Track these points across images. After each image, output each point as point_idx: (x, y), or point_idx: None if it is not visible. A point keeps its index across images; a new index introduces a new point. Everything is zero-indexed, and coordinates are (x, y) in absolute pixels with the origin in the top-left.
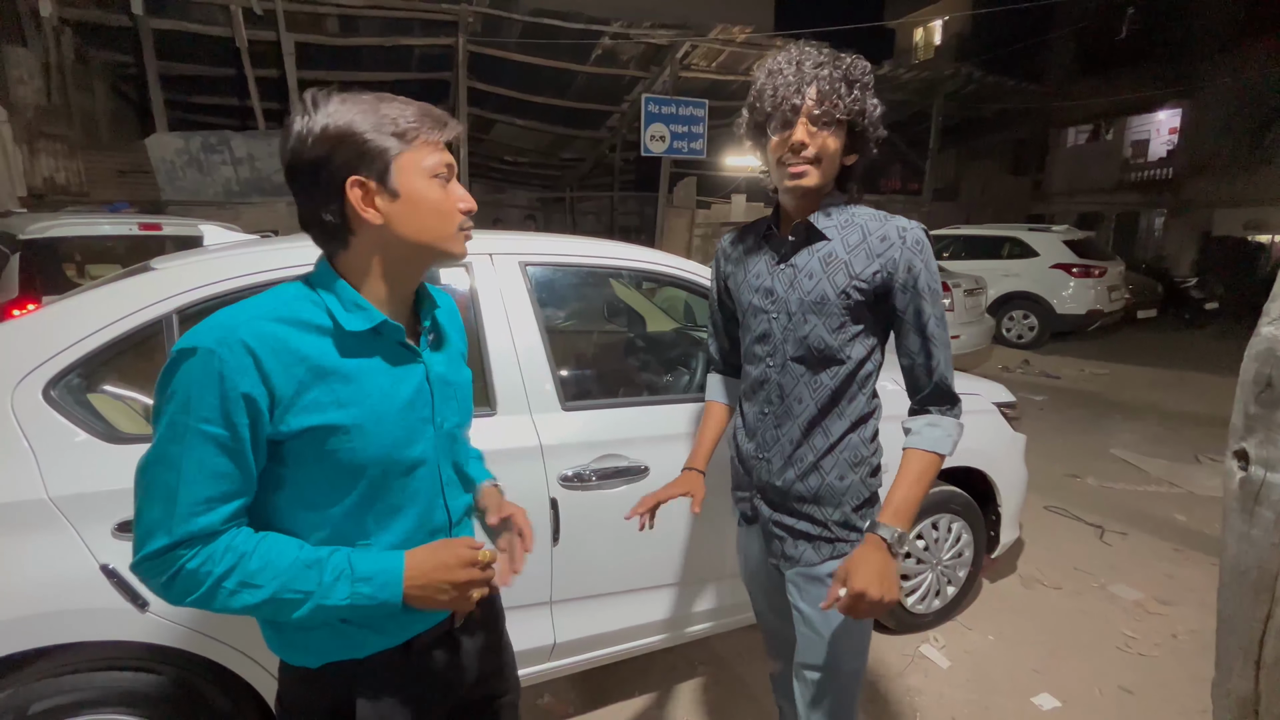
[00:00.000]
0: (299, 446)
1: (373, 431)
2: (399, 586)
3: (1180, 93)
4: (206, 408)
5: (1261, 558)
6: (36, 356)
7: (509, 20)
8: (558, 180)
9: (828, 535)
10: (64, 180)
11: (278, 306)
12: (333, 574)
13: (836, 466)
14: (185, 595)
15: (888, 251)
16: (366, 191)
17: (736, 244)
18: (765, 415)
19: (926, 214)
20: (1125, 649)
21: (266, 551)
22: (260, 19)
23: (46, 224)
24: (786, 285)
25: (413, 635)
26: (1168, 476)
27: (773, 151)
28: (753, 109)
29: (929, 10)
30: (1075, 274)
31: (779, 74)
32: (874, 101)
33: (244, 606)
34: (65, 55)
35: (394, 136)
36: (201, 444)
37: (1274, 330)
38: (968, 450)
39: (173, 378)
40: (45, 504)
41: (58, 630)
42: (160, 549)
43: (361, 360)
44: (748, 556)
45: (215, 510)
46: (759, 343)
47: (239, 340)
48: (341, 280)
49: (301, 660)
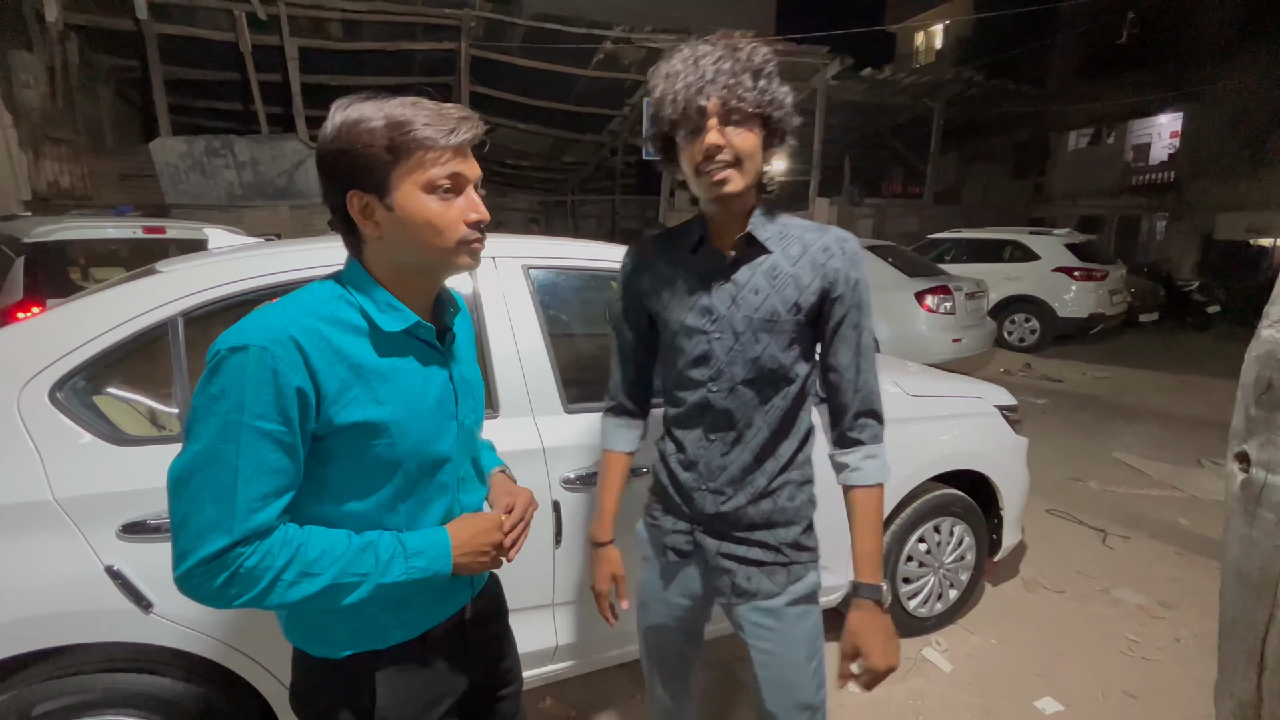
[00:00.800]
0: (340, 443)
1: (408, 428)
2: (449, 557)
3: (1181, 97)
4: (262, 405)
5: (1263, 560)
6: (43, 359)
7: (511, 25)
8: (559, 184)
9: (782, 559)
10: (68, 184)
11: (317, 306)
12: (387, 553)
13: (787, 487)
14: (241, 595)
15: (829, 263)
16: (366, 205)
17: (652, 258)
18: (711, 442)
19: (928, 217)
20: (1128, 653)
21: (320, 540)
22: (264, 24)
23: (51, 227)
24: (728, 303)
25: (431, 627)
26: (1170, 480)
27: (688, 160)
28: (656, 119)
29: (930, 14)
30: (1077, 277)
31: (677, 77)
32: (784, 89)
33: (302, 597)
34: (70, 60)
35: (390, 150)
36: (258, 441)
37: (1274, 333)
38: (970, 453)
39: (221, 376)
40: (50, 505)
41: (62, 632)
42: (218, 551)
43: (396, 359)
44: (669, 591)
45: (271, 505)
46: (696, 366)
47: (289, 337)
48: (375, 281)
49: (324, 652)
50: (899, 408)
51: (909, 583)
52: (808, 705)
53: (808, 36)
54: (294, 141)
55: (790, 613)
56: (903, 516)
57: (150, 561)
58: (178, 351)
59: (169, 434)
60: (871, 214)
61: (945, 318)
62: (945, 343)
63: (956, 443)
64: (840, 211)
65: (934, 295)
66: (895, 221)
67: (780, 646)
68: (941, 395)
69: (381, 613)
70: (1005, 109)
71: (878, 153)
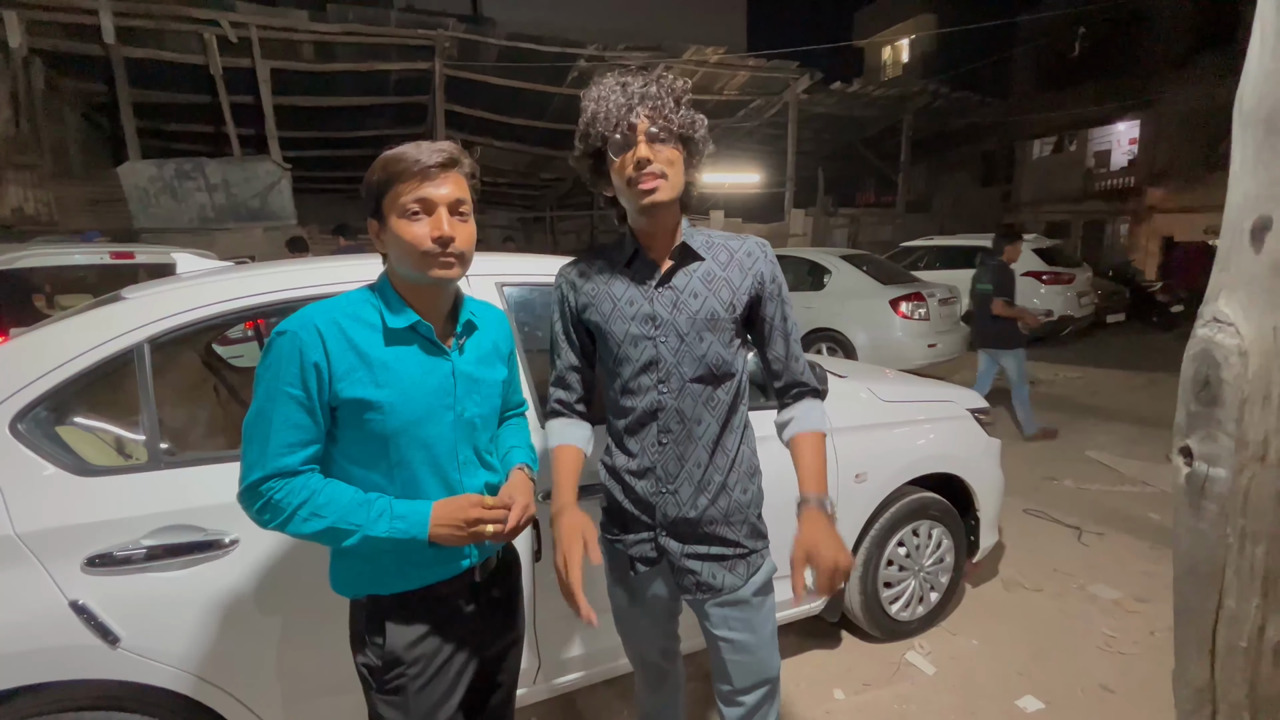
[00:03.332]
0: (345, 414)
1: (400, 408)
2: (425, 526)
3: (1137, 106)
4: (291, 375)
5: (1209, 550)
6: (4, 390)
7: (485, 44)
8: (537, 200)
9: (742, 551)
10: (33, 210)
11: (346, 305)
12: (377, 512)
13: (739, 482)
14: (272, 520)
15: (755, 266)
16: (376, 229)
17: (586, 275)
18: (664, 445)
19: (901, 225)
20: (1106, 648)
21: (330, 491)
22: (235, 46)
23: (14, 255)
24: (669, 308)
25: (432, 582)
26: (1142, 476)
27: (619, 173)
28: (587, 136)
29: (896, 29)
30: (1045, 281)
31: (608, 99)
32: (700, 116)
33: (313, 532)
34: (35, 85)
35: (379, 185)
36: (288, 403)
37: (1208, 331)
38: (944, 456)
39: (270, 353)
40: (12, 540)
41: (25, 671)
42: (256, 480)
43: (399, 350)
44: (643, 601)
45: (295, 453)
46: (645, 372)
47: (313, 325)
48: (392, 288)
49: (343, 591)
50: (873, 413)
51: (890, 587)
52: (770, 679)
53: (778, 52)
54: (267, 163)
55: (755, 601)
56: (881, 520)
57: (117, 594)
58: (144, 378)
59: (135, 462)
60: (846, 223)
61: (920, 324)
62: (921, 348)
63: (930, 446)
64: (815, 221)
65: (908, 302)
66: (869, 230)
67: (747, 634)
68: (914, 400)
69: (390, 564)
70: (971, 120)
71: (851, 164)
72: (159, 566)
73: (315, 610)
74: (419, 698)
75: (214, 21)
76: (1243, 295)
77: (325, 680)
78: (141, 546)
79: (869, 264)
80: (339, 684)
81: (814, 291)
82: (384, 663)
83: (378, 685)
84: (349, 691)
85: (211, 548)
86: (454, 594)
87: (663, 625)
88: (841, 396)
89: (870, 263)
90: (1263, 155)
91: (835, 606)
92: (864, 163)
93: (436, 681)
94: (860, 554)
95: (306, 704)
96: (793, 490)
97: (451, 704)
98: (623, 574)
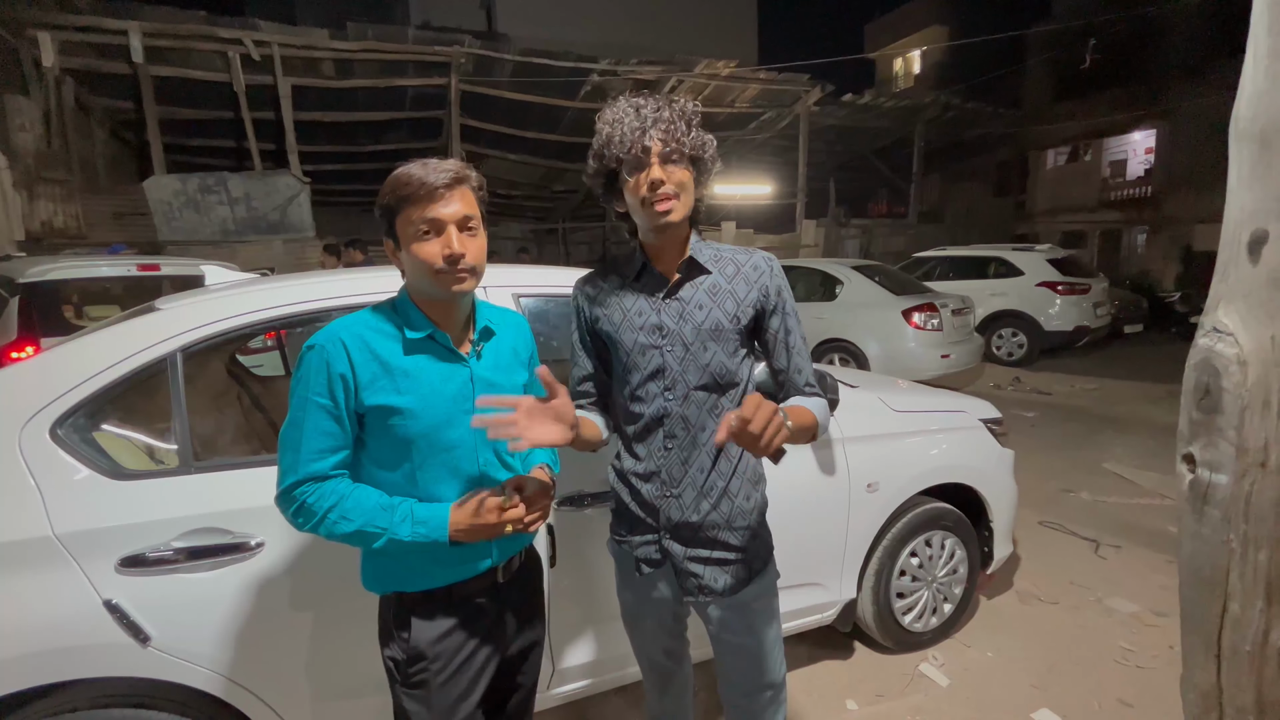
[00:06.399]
0: (371, 420)
1: (421, 414)
2: (445, 529)
3: (1153, 114)
4: (318, 385)
5: (1213, 554)
6: (44, 396)
7: (500, 60)
8: (550, 212)
9: (743, 556)
10: (62, 224)
11: (369, 318)
12: (400, 516)
13: (742, 488)
14: (305, 523)
15: (760, 279)
16: (391, 248)
17: (598, 288)
18: (669, 451)
19: (913, 236)
20: (1123, 662)
21: (358, 496)
22: (258, 64)
23: (45, 267)
24: (676, 318)
25: (453, 582)
26: (1160, 489)
27: (633, 193)
28: (602, 157)
29: (907, 41)
30: (1060, 291)
31: (622, 122)
32: (710, 137)
33: (342, 534)
34: (66, 103)
35: (390, 207)
36: (317, 412)
37: (1209, 341)
38: (956, 466)
39: (301, 366)
40: (50, 541)
41: (60, 668)
42: (290, 485)
43: (419, 359)
44: (648, 601)
45: (326, 459)
46: (653, 379)
47: (338, 338)
48: (411, 301)
49: (372, 587)
50: (885, 423)
51: (903, 597)
52: (773, 684)
53: (789, 65)
54: (287, 177)
55: (756, 606)
56: (894, 530)
57: (149, 595)
58: (176, 386)
59: (167, 467)
60: (858, 234)
61: (933, 334)
62: (934, 359)
63: (943, 456)
64: (827, 232)
65: (921, 313)
66: (881, 241)
67: (749, 638)
68: (926, 410)
69: (417, 563)
70: (984, 130)
71: (862, 175)
72: (188, 568)
73: (338, 613)
74: (441, 692)
75: (238, 40)
76: (1241, 306)
77: (347, 683)
78: (172, 548)
79: (881, 274)
80: (359, 686)
81: (826, 302)
82: (408, 657)
83: (402, 679)
84: (369, 694)
85: (238, 550)
86: (477, 593)
87: (668, 626)
88: (853, 406)
89: (883, 273)
90: (1258, 171)
91: (847, 616)
92: (876, 174)
93: (458, 678)
94: (873, 563)
95: (328, 705)
96: (799, 497)
97: (471, 700)
98: (629, 575)
